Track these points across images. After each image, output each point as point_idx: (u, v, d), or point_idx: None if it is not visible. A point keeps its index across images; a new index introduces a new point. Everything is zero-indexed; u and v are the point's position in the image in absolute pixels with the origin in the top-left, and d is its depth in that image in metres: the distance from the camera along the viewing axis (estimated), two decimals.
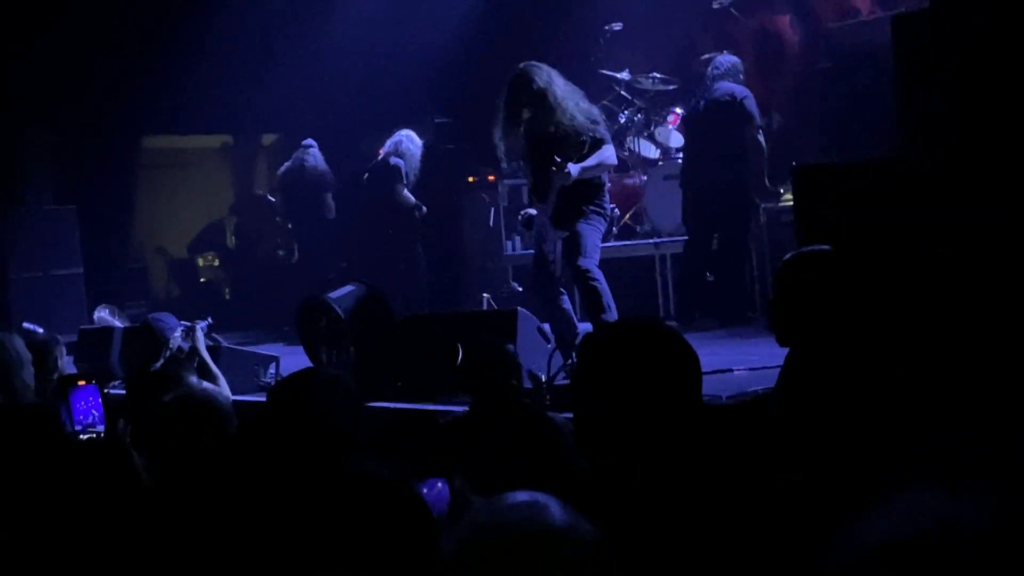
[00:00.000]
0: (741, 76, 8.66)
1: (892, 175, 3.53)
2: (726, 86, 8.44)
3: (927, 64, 4.01)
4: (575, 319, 6.51)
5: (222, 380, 6.05)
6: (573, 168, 6.19)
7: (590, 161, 6.30)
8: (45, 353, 5.66)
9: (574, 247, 6.35)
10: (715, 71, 8.56)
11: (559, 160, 6.17)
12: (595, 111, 6.57)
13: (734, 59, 8.69)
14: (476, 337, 6.09)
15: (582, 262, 6.31)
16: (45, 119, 12.19)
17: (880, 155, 4.30)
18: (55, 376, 5.41)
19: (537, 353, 5.95)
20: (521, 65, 6.51)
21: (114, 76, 12.01)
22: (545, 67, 6.50)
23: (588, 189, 6.42)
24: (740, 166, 8.37)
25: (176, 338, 6.02)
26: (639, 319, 2.13)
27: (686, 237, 8.79)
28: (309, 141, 11.20)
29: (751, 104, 8.33)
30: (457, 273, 10.94)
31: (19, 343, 5.06)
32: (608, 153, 6.45)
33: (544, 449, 3.92)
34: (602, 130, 6.46)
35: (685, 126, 9.10)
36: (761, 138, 8.39)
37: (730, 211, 8.43)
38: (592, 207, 6.44)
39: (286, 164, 11.32)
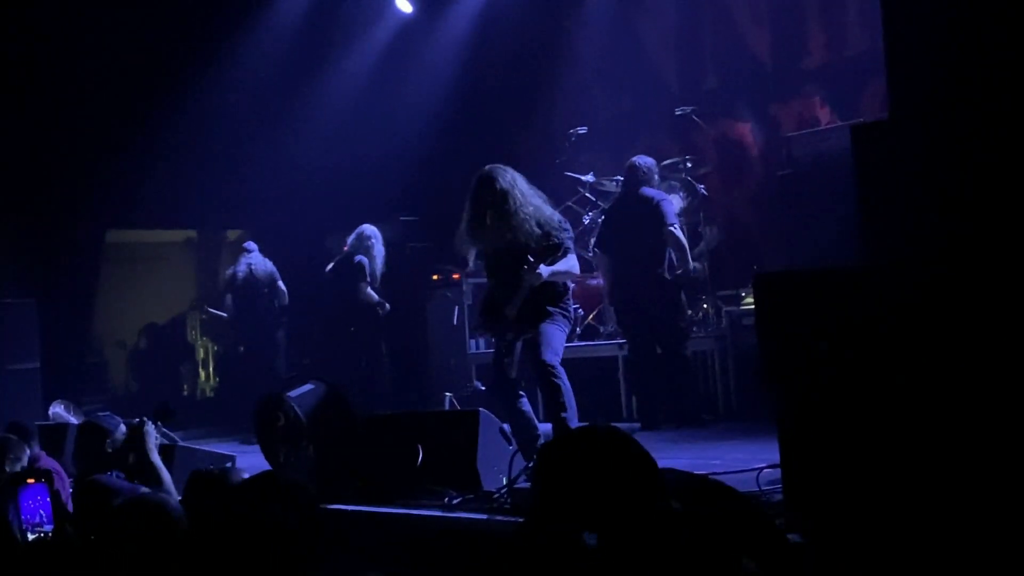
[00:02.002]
0: (656, 177, 8.73)
1: (854, 284, 3.56)
2: (645, 192, 8.49)
3: (887, 174, 4.07)
4: (535, 421, 6.47)
5: (167, 480, 5.82)
6: (544, 269, 6.21)
7: (560, 266, 6.33)
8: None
9: (538, 344, 6.34)
10: (635, 174, 8.57)
11: (532, 260, 6.19)
12: (560, 218, 6.61)
13: (651, 161, 8.74)
14: (438, 438, 6.04)
15: (547, 356, 6.29)
16: (7, 211, 12.13)
17: (842, 264, 4.35)
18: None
19: (499, 455, 5.89)
20: (487, 167, 6.55)
21: (78, 169, 12.01)
22: (510, 170, 6.53)
23: (554, 290, 6.44)
24: (657, 267, 8.39)
25: (118, 438, 5.87)
26: (596, 428, 2.12)
27: (628, 346, 8.79)
28: (250, 245, 11.27)
29: (667, 206, 8.34)
30: (420, 371, 10.89)
31: None
32: (574, 261, 6.49)
33: None
34: (568, 238, 6.49)
35: (606, 235, 8.83)
36: (678, 232, 8.34)
37: (658, 313, 8.45)
38: (558, 308, 6.46)
39: (231, 268, 11.33)
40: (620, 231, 8.58)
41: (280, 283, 11.08)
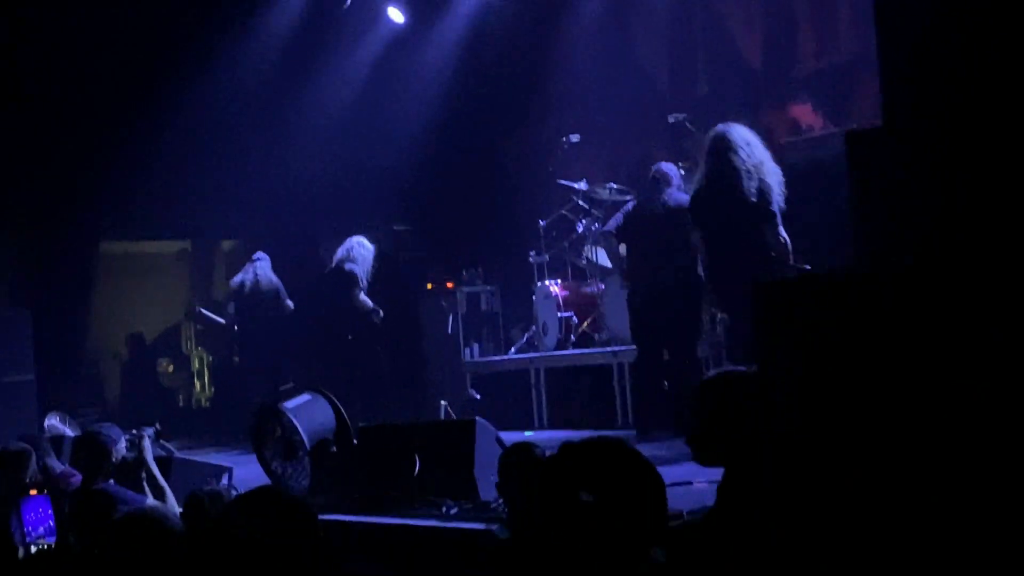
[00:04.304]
0: (682, 186, 8.71)
1: (850, 290, 3.56)
2: (677, 196, 8.47)
3: (882, 180, 4.07)
4: None
5: (170, 495, 5.92)
6: None
7: None
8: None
9: None
10: (664, 179, 8.54)
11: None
12: None
13: (677, 169, 8.76)
14: (434, 448, 6.04)
15: None
16: (2, 222, 12.13)
17: (837, 269, 4.37)
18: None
19: (495, 464, 5.88)
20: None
21: (72, 180, 12.01)
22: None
23: None
24: (689, 275, 8.38)
25: (120, 449, 5.88)
26: (602, 440, 2.12)
27: (636, 350, 8.71)
28: (260, 255, 11.18)
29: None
30: (415, 380, 10.89)
31: None
32: None
33: None
34: None
35: (628, 230, 8.72)
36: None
37: (680, 322, 8.41)
38: None
39: (238, 276, 11.27)
40: (651, 234, 8.42)
41: (287, 301, 10.99)
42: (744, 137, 7.30)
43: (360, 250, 10.14)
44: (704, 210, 7.61)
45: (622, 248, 8.85)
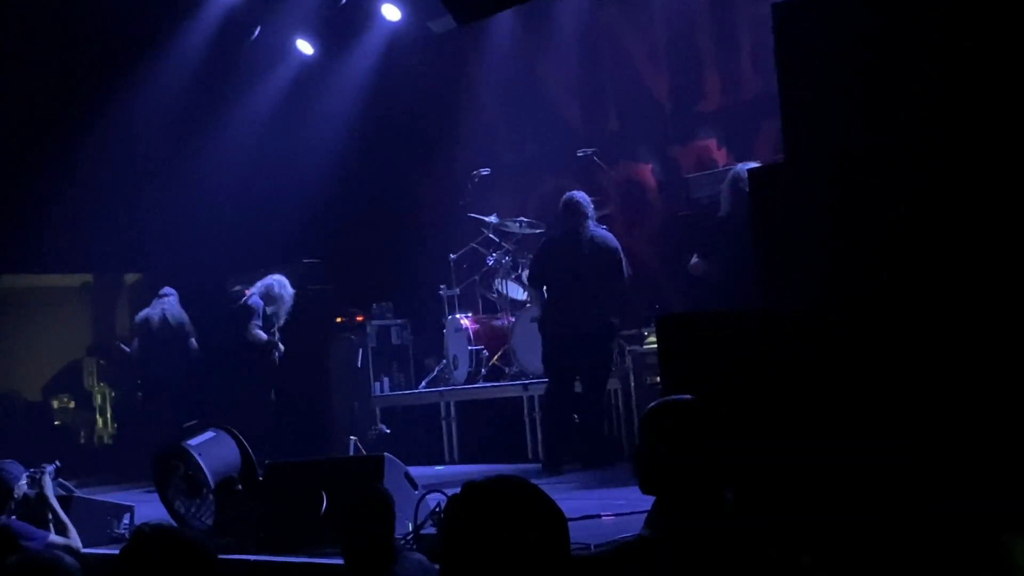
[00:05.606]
0: (595, 219, 8.69)
1: (753, 325, 3.62)
2: (602, 234, 8.48)
3: (783, 214, 4.16)
4: None
5: (73, 531, 5.84)
6: None
7: None
8: None
9: None
10: (579, 209, 8.47)
11: None
12: None
13: (588, 197, 8.72)
14: (342, 484, 5.96)
15: None
16: None
17: (741, 306, 4.44)
18: None
19: (404, 500, 5.84)
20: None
21: None
22: None
23: None
24: (607, 314, 8.42)
25: (21, 487, 5.76)
26: (504, 479, 2.13)
27: (547, 383, 8.69)
28: (168, 290, 10.98)
29: (625, 262, 8.42)
30: (324, 415, 10.77)
31: None
32: None
33: None
34: None
35: (547, 265, 8.63)
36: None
37: (593, 356, 8.43)
38: None
39: (145, 311, 11.03)
40: (575, 268, 8.37)
41: (192, 340, 10.81)
42: None
43: (279, 289, 10.04)
44: (731, 231, 7.74)
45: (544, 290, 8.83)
